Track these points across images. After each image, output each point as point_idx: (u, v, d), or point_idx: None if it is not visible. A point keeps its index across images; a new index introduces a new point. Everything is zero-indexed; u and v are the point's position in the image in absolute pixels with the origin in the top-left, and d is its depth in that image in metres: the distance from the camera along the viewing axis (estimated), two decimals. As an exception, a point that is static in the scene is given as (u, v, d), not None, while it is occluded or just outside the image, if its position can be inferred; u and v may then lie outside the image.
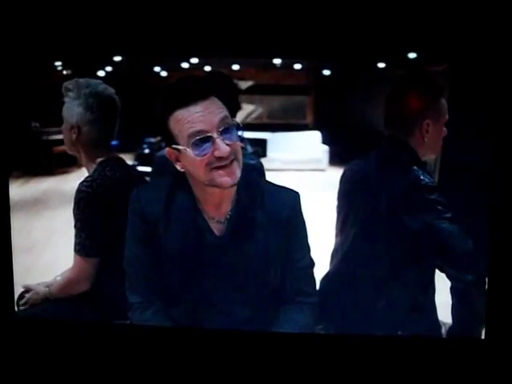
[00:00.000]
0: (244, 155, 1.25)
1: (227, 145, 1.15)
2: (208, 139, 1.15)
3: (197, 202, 1.28)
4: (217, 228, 1.28)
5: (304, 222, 1.34)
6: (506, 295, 1.39)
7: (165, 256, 1.28)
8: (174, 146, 1.19)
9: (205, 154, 1.15)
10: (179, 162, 1.22)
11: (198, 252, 1.27)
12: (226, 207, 1.27)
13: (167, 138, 1.20)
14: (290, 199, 1.31)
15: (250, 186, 1.27)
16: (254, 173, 1.31)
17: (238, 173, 1.18)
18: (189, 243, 1.27)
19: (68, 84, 1.58)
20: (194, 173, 1.20)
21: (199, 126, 1.14)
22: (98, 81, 1.60)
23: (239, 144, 1.20)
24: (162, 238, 1.27)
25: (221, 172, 1.16)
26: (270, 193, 1.30)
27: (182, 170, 1.23)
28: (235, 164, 1.18)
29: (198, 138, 1.14)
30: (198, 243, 1.27)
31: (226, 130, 1.16)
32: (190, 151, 1.15)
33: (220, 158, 1.15)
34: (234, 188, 1.25)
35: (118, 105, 1.62)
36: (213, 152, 1.15)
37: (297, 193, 1.33)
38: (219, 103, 1.19)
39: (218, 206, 1.27)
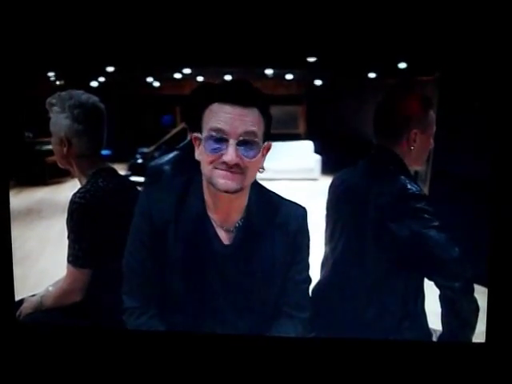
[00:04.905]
0: None
1: (238, 156, 1.15)
2: (223, 141, 1.15)
3: (207, 208, 1.27)
4: (224, 236, 1.28)
5: (309, 238, 1.34)
6: (506, 302, 1.40)
7: (169, 261, 1.26)
8: (196, 134, 1.21)
9: (213, 153, 1.16)
10: (197, 149, 1.23)
11: (204, 259, 1.26)
12: (236, 216, 1.27)
13: (196, 123, 1.21)
14: (298, 214, 1.32)
15: (261, 197, 1.28)
16: (263, 186, 1.32)
17: (238, 184, 1.18)
18: (195, 249, 1.26)
19: (51, 99, 1.59)
20: (202, 164, 1.21)
21: (222, 126, 1.15)
22: (80, 91, 1.60)
23: (253, 163, 1.19)
24: (167, 242, 1.25)
25: (221, 173, 1.17)
26: (280, 206, 1.31)
27: (197, 159, 1.23)
28: (238, 175, 1.17)
29: (214, 134, 1.16)
30: (204, 250, 1.26)
31: (246, 143, 1.16)
32: (203, 143, 1.18)
33: (224, 163, 1.16)
34: (243, 198, 1.26)
35: (103, 112, 1.62)
36: (222, 155, 1.16)
37: (304, 208, 1.33)
38: (258, 118, 1.18)
39: (227, 214, 1.26)
